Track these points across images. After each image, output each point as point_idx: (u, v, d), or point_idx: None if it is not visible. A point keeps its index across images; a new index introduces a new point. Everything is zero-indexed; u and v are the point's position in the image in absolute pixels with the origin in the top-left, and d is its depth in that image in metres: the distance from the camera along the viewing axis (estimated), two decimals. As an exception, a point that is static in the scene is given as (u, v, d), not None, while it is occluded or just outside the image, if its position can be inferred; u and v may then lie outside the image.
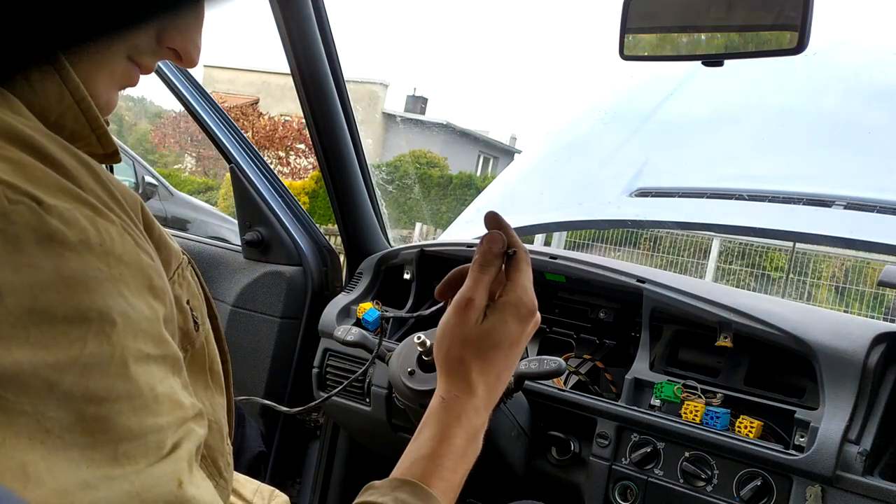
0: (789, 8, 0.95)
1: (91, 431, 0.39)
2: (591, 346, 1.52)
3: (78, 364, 0.39)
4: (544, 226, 3.00)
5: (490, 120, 58.06)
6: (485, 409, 0.69)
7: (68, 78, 0.48)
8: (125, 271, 0.43)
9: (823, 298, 8.28)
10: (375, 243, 1.84)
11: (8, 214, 0.39)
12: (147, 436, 0.42)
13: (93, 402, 0.39)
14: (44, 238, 0.39)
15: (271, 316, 1.80)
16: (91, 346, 0.39)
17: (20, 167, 0.41)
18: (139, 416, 0.41)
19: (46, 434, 0.37)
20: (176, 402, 0.45)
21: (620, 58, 1.10)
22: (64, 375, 0.38)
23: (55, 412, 0.38)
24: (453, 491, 0.63)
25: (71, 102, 0.48)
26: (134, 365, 0.42)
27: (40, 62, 0.46)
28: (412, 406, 1.24)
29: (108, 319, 0.41)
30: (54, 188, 0.42)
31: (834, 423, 1.12)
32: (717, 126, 2.46)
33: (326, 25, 1.58)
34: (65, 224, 0.40)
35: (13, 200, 0.39)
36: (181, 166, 16.03)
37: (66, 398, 0.38)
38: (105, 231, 0.43)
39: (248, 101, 15.48)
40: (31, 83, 0.46)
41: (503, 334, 0.68)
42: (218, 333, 0.62)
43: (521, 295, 0.70)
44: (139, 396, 0.42)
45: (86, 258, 0.41)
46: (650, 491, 1.24)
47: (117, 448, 0.40)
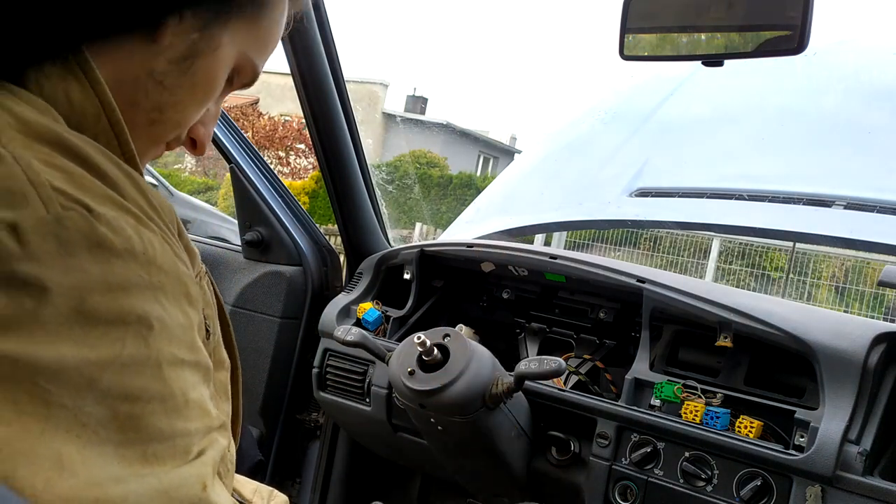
0: (789, 8, 0.95)
1: (124, 429, 0.41)
2: (591, 346, 1.52)
3: (117, 363, 0.41)
4: (544, 226, 3.00)
5: (490, 120, 58.09)
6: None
7: (106, 100, 0.50)
8: (164, 279, 0.45)
9: (823, 298, 8.28)
10: (375, 243, 1.84)
11: (62, 220, 0.41)
12: (175, 439, 0.44)
13: (128, 401, 0.41)
14: (94, 244, 0.42)
15: (271, 316, 1.80)
16: (129, 348, 0.42)
17: (71, 176, 0.44)
18: (170, 418, 0.43)
19: (83, 428, 0.39)
20: (205, 409, 0.47)
21: (620, 58, 1.10)
22: (103, 373, 0.41)
23: (92, 408, 0.40)
24: None
25: (106, 125, 0.50)
26: (168, 368, 0.44)
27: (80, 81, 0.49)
28: (412, 406, 1.24)
29: (146, 323, 0.43)
30: (101, 197, 0.44)
31: (834, 423, 1.12)
32: (717, 126, 2.46)
33: (326, 25, 1.58)
34: (112, 232, 0.43)
35: (66, 207, 0.42)
36: (181, 166, 16.02)
37: (104, 395, 0.40)
38: (147, 240, 0.45)
39: (248, 101, 15.47)
40: (71, 101, 0.48)
41: None
42: (229, 340, 0.63)
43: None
44: (171, 399, 0.44)
45: (130, 265, 0.43)
46: (650, 491, 1.24)
47: (147, 448, 0.42)
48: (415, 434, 1.44)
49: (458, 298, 1.71)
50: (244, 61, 0.58)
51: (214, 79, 0.56)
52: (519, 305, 1.62)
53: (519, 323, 1.62)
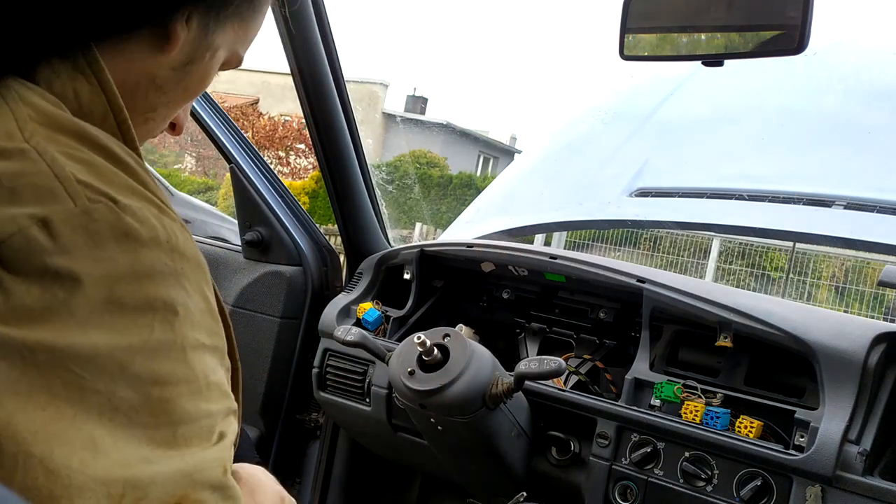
0: (789, 8, 0.95)
1: (155, 413, 0.43)
2: (591, 346, 1.52)
3: (146, 348, 0.43)
4: (544, 226, 3.00)
5: (490, 120, 58.10)
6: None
7: (114, 100, 0.51)
8: (186, 266, 0.47)
9: (823, 298, 8.28)
10: (375, 243, 1.84)
11: (90, 212, 0.43)
12: (201, 420, 0.46)
13: (157, 385, 0.43)
14: (121, 235, 0.43)
15: (271, 316, 1.80)
16: (157, 333, 0.44)
17: (94, 168, 0.45)
18: (195, 400, 0.45)
19: (115, 412, 0.41)
20: (224, 392, 0.49)
21: (620, 58, 1.10)
22: (134, 358, 0.42)
23: (125, 392, 0.42)
24: None
25: (113, 124, 0.51)
26: (191, 352, 0.46)
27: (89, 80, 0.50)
28: (412, 406, 1.24)
29: (172, 309, 0.45)
30: (125, 188, 0.46)
31: (834, 423, 1.12)
32: (717, 126, 2.46)
33: (326, 25, 1.58)
34: (138, 222, 0.45)
35: (93, 200, 0.43)
36: (181, 166, 16.02)
37: (135, 380, 0.42)
38: (170, 228, 0.47)
39: (248, 101, 15.47)
40: (79, 100, 0.49)
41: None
42: (230, 341, 0.63)
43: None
44: (195, 382, 0.46)
45: (155, 253, 0.45)
46: (650, 491, 1.24)
47: (176, 430, 0.44)
48: (415, 434, 1.44)
49: (458, 298, 1.71)
50: (231, 55, 0.60)
51: (207, 78, 0.58)
52: (519, 305, 1.62)
53: (519, 323, 1.62)
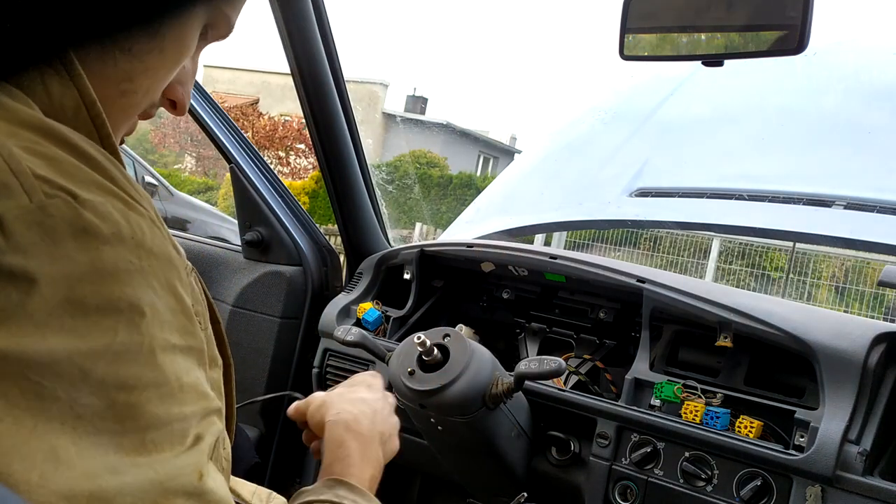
0: (789, 8, 0.95)
1: (121, 418, 0.41)
2: (591, 346, 1.52)
3: (110, 352, 0.41)
4: (544, 226, 3.00)
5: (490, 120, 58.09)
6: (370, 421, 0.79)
7: (86, 92, 0.49)
8: (154, 263, 0.45)
9: (823, 298, 8.28)
10: (375, 243, 1.84)
11: (45, 208, 0.40)
12: (172, 424, 0.43)
13: (123, 390, 0.41)
14: (79, 231, 0.41)
15: (271, 316, 1.80)
16: (122, 336, 0.41)
17: (55, 162, 0.43)
18: (166, 404, 0.43)
19: (78, 420, 0.39)
20: (201, 392, 0.47)
21: (620, 58, 1.10)
22: (97, 363, 0.40)
23: (87, 398, 0.39)
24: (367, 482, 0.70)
25: (86, 118, 0.49)
26: (161, 354, 0.43)
27: (59, 73, 0.48)
28: (412, 406, 1.24)
29: (138, 310, 0.42)
30: (88, 182, 0.44)
31: (834, 423, 1.12)
32: (717, 126, 2.46)
33: (326, 25, 1.58)
34: (99, 217, 0.42)
35: (49, 195, 0.41)
36: (181, 166, 16.02)
37: (99, 385, 0.40)
38: (136, 224, 0.44)
39: (248, 101, 15.48)
40: (49, 94, 0.47)
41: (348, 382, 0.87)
42: (220, 339, 0.62)
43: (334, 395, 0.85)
44: (166, 385, 0.43)
45: (118, 250, 0.42)
46: (650, 491, 1.24)
47: (145, 435, 0.41)
48: (415, 434, 1.44)
49: (458, 298, 1.71)
50: (216, 15, 0.56)
51: (184, 39, 0.54)
52: (519, 305, 1.62)
53: (519, 323, 1.62)
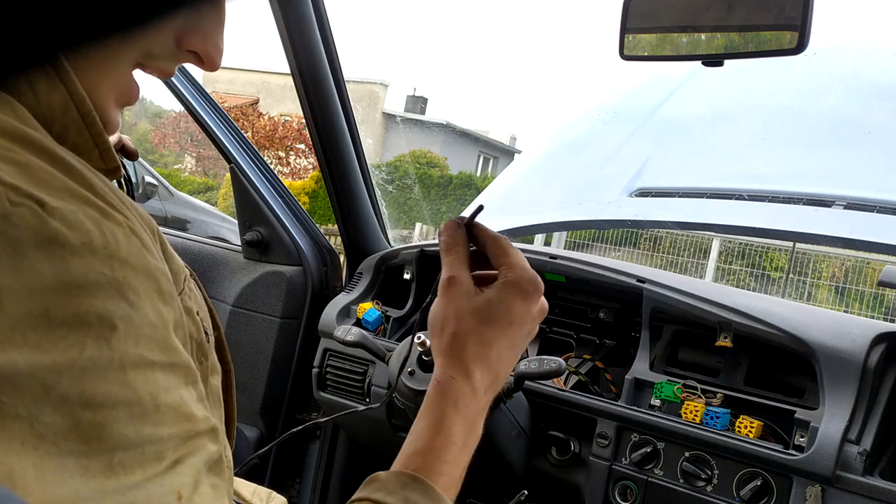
0: (789, 8, 0.95)
1: (86, 439, 0.38)
2: (591, 346, 1.52)
3: (75, 367, 0.38)
4: (544, 226, 3.00)
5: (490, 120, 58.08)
6: (484, 392, 0.64)
7: (74, 90, 0.47)
8: (130, 274, 0.42)
9: (823, 298, 8.28)
10: (375, 243, 1.84)
11: (9, 216, 0.38)
12: (144, 445, 0.40)
13: (89, 408, 0.38)
14: (44, 241, 0.39)
15: (271, 316, 1.80)
16: (90, 350, 0.39)
17: (26, 169, 0.41)
18: (136, 424, 0.40)
19: (40, 439, 0.36)
20: (183, 413, 0.43)
21: (620, 58, 1.10)
22: (60, 378, 0.37)
23: (50, 417, 0.37)
24: (454, 487, 0.59)
25: (76, 115, 0.47)
26: (133, 371, 0.40)
27: (46, 71, 0.46)
28: (412, 406, 1.24)
29: (109, 324, 0.40)
30: (60, 190, 0.41)
31: (834, 423, 1.12)
32: (717, 126, 2.46)
33: (326, 25, 1.58)
34: (67, 226, 0.40)
35: (15, 202, 0.38)
36: (181, 166, 16.02)
37: (62, 402, 0.37)
38: (110, 233, 0.42)
39: (248, 101, 15.48)
40: (36, 93, 0.46)
41: (500, 310, 0.64)
42: (221, 343, 0.61)
43: (519, 273, 0.66)
44: (138, 404, 0.40)
45: (88, 261, 0.40)
46: (650, 491, 1.24)
47: (112, 457, 0.39)
48: (415, 434, 1.44)
49: (458, 298, 1.71)
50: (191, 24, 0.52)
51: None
52: (519, 305, 1.61)
53: (519, 323, 1.62)
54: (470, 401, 0.63)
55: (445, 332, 0.64)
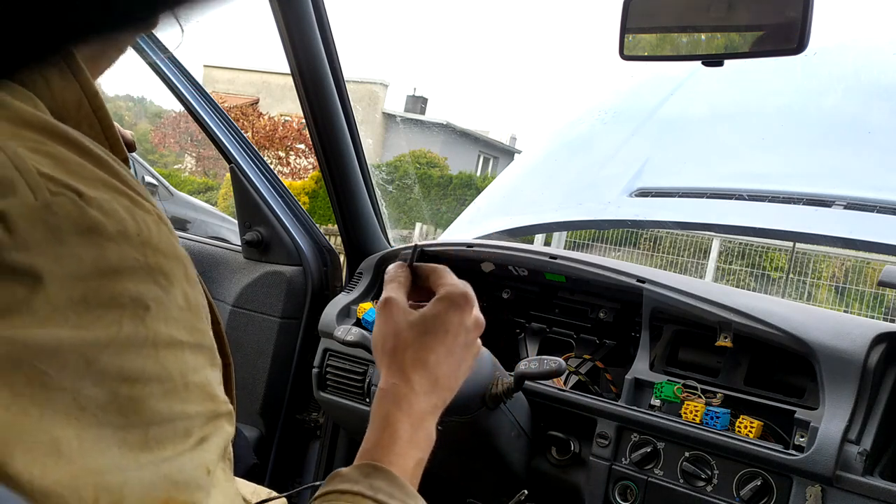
0: (789, 8, 0.95)
1: (124, 412, 0.40)
2: (591, 346, 1.52)
3: (114, 344, 0.40)
4: (544, 226, 3.00)
5: (490, 120, 58.10)
6: (425, 394, 0.69)
7: (87, 85, 0.49)
8: (161, 260, 0.44)
9: (823, 298, 8.28)
10: (375, 243, 1.84)
11: (50, 206, 0.40)
12: (175, 421, 0.43)
13: (126, 382, 0.41)
14: (84, 229, 0.41)
15: (271, 316, 1.80)
16: (126, 328, 0.41)
17: (60, 161, 0.43)
18: (168, 400, 0.43)
19: (82, 411, 0.39)
20: (209, 394, 0.46)
21: (620, 58, 1.10)
22: (101, 353, 0.40)
23: (91, 390, 0.39)
24: (409, 478, 0.63)
25: (88, 111, 0.49)
26: (164, 350, 0.43)
27: (60, 67, 0.47)
28: (412, 406, 1.24)
29: (142, 305, 0.42)
30: (93, 180, 0.44)
31: (834, 423, 1.12)
32: (717, 126, 2.46)
33: (326, 25, 1.58)
34: (104, 215, 0.42)
35: (55, 192, 0.41)
36: (181, 166, 16.02)
37: (102, 376, 0.40)
38: (142, 221, 0.44)
39: (248, 101, 15.48)
40: (51, 89, 0.47)
41: (435, 322, 0.70)
42: (221, 339, 0.62)
43: (450, 289, 0.72)
44: (169, 381, 0.43)
45: (123, 248, 0.42)
46: (650, 491, 1.24)
47: (148, 431, 0.41)
48: (415, 434, 1.44)
49: (458, 298, 1.71)
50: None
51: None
52: (519, 305, 1.62)
53: (519, 323, 1.62)
54: (413, 401, 0.67)
55: (386, 347, 0.70)
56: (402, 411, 0.66)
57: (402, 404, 0.67)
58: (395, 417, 0.66)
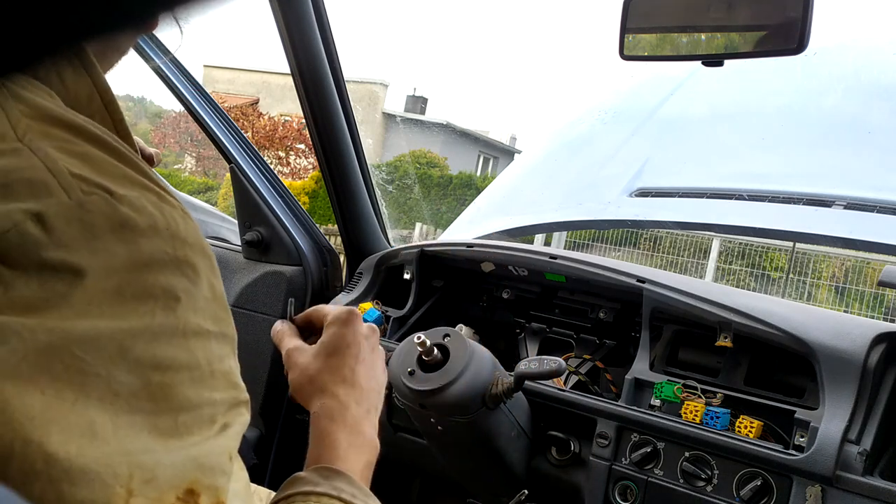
0: (789, 8, 0.95)
1: (155, 398, 0.42)
2: (591, 346, 1.52)
3: (148, 332, 0.42)
4: (544, 226, 3.00)
5: (490, 120, 58.12)
6: (356, 402, 0.72)
7: (98, 80, 0.50)
8: (189, 252, 0.46)
9: (823, 298, 8.28)
10: (375, 243, 1.84)
11: (84, 205, 0.42)
12: (203, 408, 0.45)
13: (158, 370, 0.42)
14: (118, 225, 0.43)
15: (271, 316, 1.80)
16: (159, 318, 0.43)
17: (88, 160, 0.45)
18: (197, 387, 0.44)
19: (116, 397, 0.41)
20: (232, 382, 0.48)
21: (620, 58, 1.10)
22: (135, 342, 0.42)
23: (125, 376, 0.41)
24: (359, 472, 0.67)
25: (100, 105, 0.51)
26: (194, 339, 0.45)
27: (72, 62, 0.49)
28: (412, 406, 1.24)
29: (173, 295, 0.44)
30: (121, 177, 0.46)
31: (834, 423, 1.12)
32: (716, 126, 2.46)
33: (326, 25, 1.58)
34: (135, 211, 0.44)
35: (87, 192, 0.43)
36: (181, 166, 16.02)
37: (136, 364, 0.42)
38: (170, 215, 0.46)
39: (248, 101, 15.48)
40: (64, 84, 0.49)
41: (334, 342, 0.75)
42: None
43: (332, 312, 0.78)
44: (197, 369, 0.45)
45: (154, 242, 0.44)
46: (650, 491, 1.24)
47: (178, 417, 0.43)
48: (415, 434, 1.44)
49: (458, 298, 1.71)
50: None
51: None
52: (519, 305, 1.62)
53: (519, 323, 1.62)
54: (344, 412, 0.71)
55: (304, 385, 0.74)
56: (336, 423, 0.70)
57: (336, 416, 0.70)
58: (330, 429, 0.69)
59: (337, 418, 0.70)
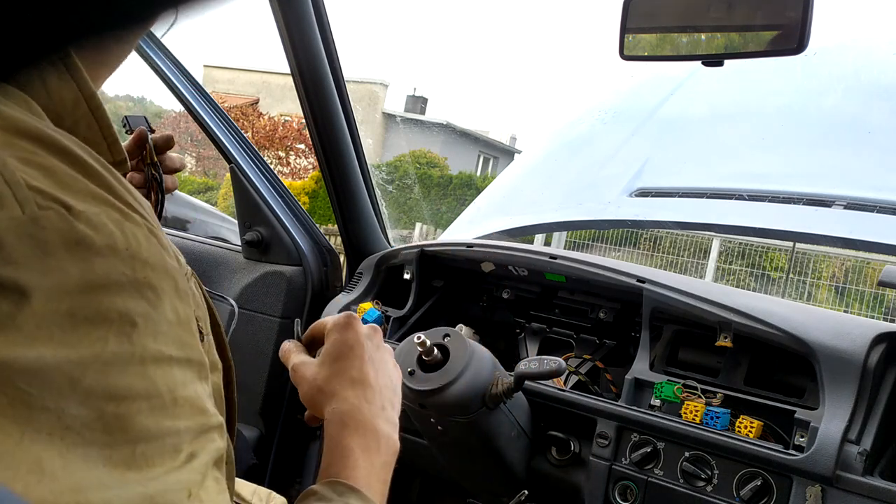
0: (789, 8, 0.95)
1: (110, 430, 0.40)
2: (591, 346, 1.52)
3: (99, 361, 0.40)
4: (544, 226, 3.00)
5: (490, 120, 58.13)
6: (368, 402, 0.72)
7: (84, 86, 0.48)
8: (150, 274, 0.44)
9: (823, 298, 8.28)
10: (375, 243, 1.84)
11: (38, 220, 0.40)
12: (164, 438, 0.42)
13: (113, 400, 0.40)
14: (72, 243, 0.40)
15: (271, 316, 1.80)
16: (112, 346, 0.41)
17: (50, 172, 0.42)
18: (156, 416, 0.42)
19: (66, 430, 0.38)
20: (198, 407, 0.45)
21: (620, 58, 1.10)
22: (86, 372, 0.39)
23: (76, 409, 0.39)
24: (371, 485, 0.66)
25: (86, 110, 0.49)
26: (153, 366, 0.42)
27: (57, 67, 0.47)
28: (412, 406, 1.24)
29: (129, 321, 0.42)
30: (83, 193, 0.43)
31: (834, 423, 1.12)
32: (716, 126, 2.46)
33: (326, 25, 1.58)
34: (92, 229, 0.41)
35: (43, 206, 0.40)
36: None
37: (88, 395, 0.39)
38: (132, 235, 0.44)
39: (248, 101, 15.48)
40: (48, 90, 0.47)
41: (338, 347, 0.75)
42: (221, 342, 0.62)
43: (331, 320, 0.77)
44: (157, 397, 0.42)
45: (111, 262, 0.42)
46: (650, 491, 1.24)
47: (135, 449, 0.41)
48: (415, 434, 1.44)
49: (458, 298, 1.71)
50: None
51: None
52: (519, 305, 1.62)
53: (519, 323, 1.62)
54: (355, 413, 0.70)
55: (315, 396, 0.74)
56: (347, 428, 0.69)
57: (347, 421, 0.69)
58: (341, 436, 0.68)
59: (349, 423, 0.69)
